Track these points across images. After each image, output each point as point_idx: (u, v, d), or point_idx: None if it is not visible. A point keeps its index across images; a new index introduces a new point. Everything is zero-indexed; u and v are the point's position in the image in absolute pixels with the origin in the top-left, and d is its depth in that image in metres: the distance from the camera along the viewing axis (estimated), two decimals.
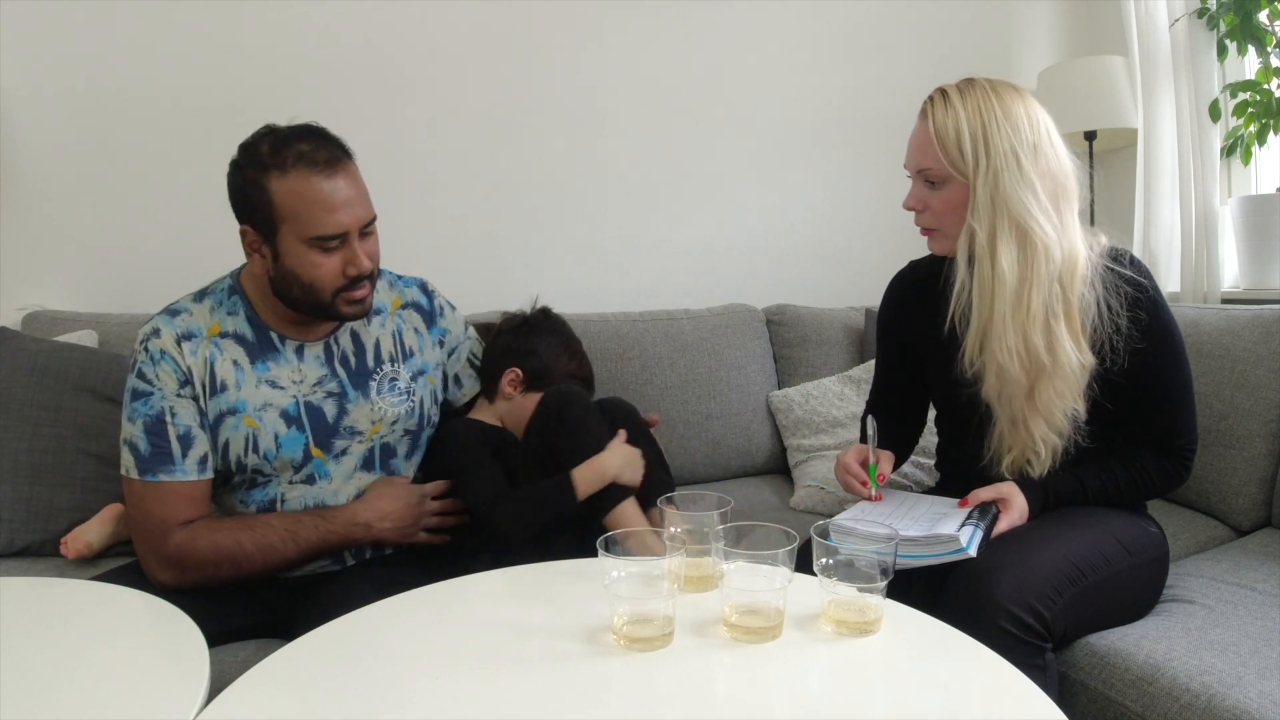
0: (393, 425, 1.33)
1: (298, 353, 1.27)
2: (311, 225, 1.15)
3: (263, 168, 1.14)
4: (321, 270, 1.18)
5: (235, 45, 1.95)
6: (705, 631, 0.87)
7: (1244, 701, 0.97)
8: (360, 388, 1.30)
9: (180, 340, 1.21)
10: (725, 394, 2.04)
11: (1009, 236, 1.16)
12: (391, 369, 1.34)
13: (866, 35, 2.50)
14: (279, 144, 1.15)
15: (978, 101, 1.17)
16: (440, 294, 1.48)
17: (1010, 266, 1.16)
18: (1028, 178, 1.15)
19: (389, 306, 1.39)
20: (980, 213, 1.17)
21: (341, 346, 1.30)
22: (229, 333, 1.24)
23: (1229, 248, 2.23)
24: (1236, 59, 2.23)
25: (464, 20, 2.13)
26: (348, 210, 1.17)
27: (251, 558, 1.18)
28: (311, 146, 1.16)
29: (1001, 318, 1.17)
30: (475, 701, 0.75)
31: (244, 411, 1.23)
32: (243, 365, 1.24)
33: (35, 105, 1.81)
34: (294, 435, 1.25)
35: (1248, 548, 1.49)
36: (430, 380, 1.39)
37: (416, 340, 1.39)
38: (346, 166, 1.19)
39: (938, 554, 1.09)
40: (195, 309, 1.25)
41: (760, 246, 2.44)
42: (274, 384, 1.25)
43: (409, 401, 1.34)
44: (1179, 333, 1.22)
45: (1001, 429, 1.23)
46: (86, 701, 0.76)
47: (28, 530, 1.52)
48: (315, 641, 0.88)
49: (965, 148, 1.16)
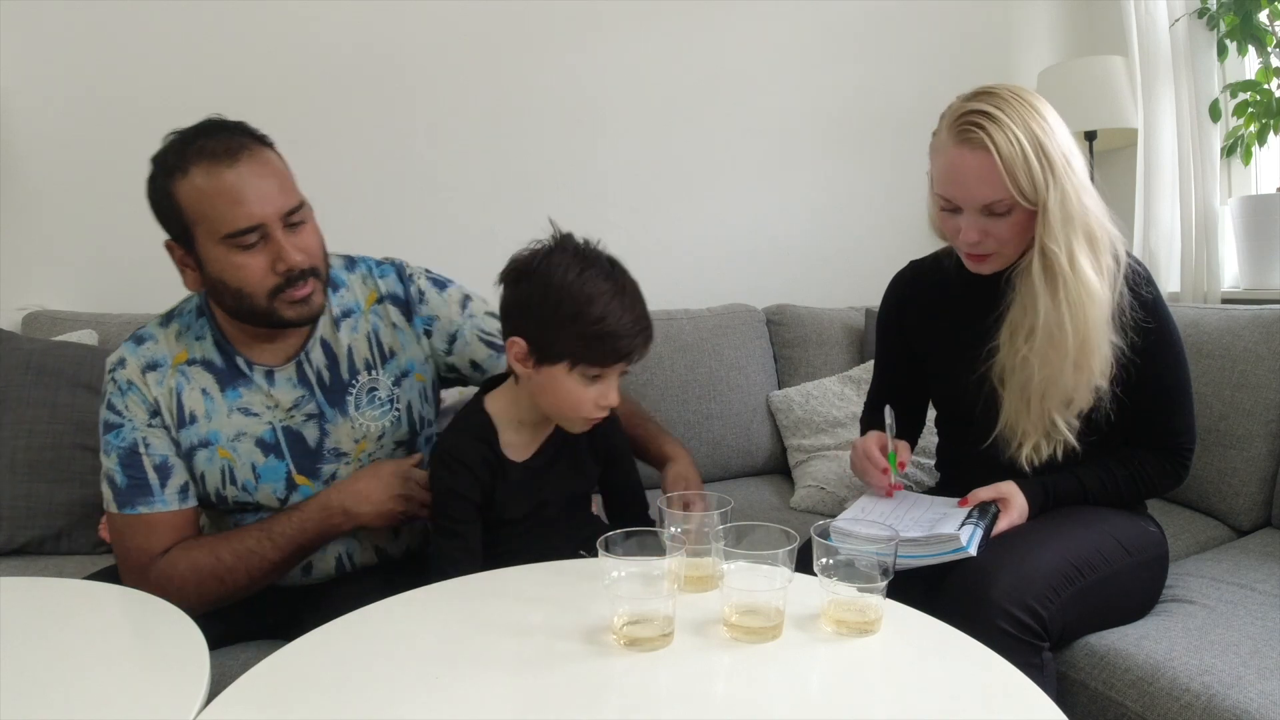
0: (379, 440, 1.24)
1: (268, 378, 1.18)
2: (221, 222, 1.05)
3: (168, 173, 1.06)
4: (247, 272, 1.07)
5: (235, 47, 1.95)
6: (705, 631, 0.87)
7: (1244, 701, 0.97)
8: (337, 405, 1.21)
9: (145, 370, 1.15)
10: (725, 394, 2.04)
11: (1083, 246, 1.12)
12: (369, 377, 1.23)
13: (866, 35, 2.49)
14: (180, 146, 1.07)
15: (1023, 116, 1.10)
16: (421, 275, 1.31)
17: (1096, 277, 1.12)
18: (1082, 180, 1.12)
19: (362, 304, 1.26)
20: (1055, 232, 1.11)
21: (314, 363, 1.20)
22: (196, 359, 1.17)
23: (1229, 248, 2.22)
24: (1237, 59, 2.23)
25: (464, 22, 2.13)
26: (259, 200, 1.06)
27: (233, 569, 1.13)
28: (211, 140, 1.07)
29: (1098, 330, 1.13)
30: (475, 701, 0.75)
31: (217, 443, 1.16)
32: (212, 394, 1.17)
33: (35, 105, 1.81)
34: (273, 464, 1.18)
35: (1248, 548, 1.49)
36: (418, 379, 1.28)
37: (396, 338, 1.26)
38: (253, 153, 1.08)
39: (938, 553, 1.09)
40: (161, 335, 1.18)
41: (760, 246, 2.44)
42: (247, 411, 1.18)
43: (393, 411, 1.24)
44: (1178, 332, 1.22)
45: (1014, 422, 1.21)
46: (86, 701, 0.75)
47: (28, 527, 1.52)
48: (315, 641, 0.88)
49: (1035, 172, 1.09)
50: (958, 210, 1.17)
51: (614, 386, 1.07)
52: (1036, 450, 1.20)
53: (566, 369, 1.04)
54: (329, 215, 2.06)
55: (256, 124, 1.13)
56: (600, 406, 1.07)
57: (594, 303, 1.01)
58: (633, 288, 1.06)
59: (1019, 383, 1.19)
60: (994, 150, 1.09)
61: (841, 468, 1.87)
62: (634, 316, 1.04)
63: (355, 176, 2.08)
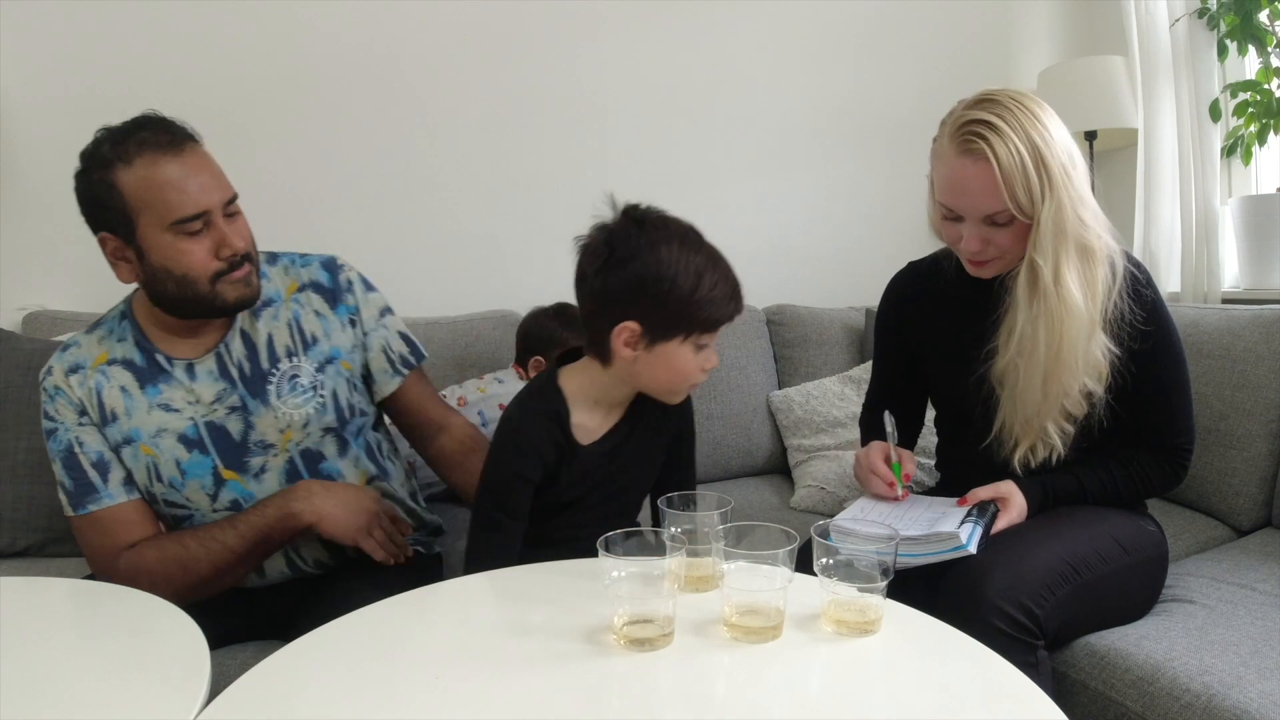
0: (305, 429, 1.23)
1: (188, 372, 1.20)
2: (169, 209, 1.09)
3: (107, 165, 1.09)
4: (192, 257, 1.11)
5: (236, 46, 1.95)
6: (705, 631, 0.87)
7: (1244, 701, 0.97)
8: (259, 395, 1.21)
9: (68, 373, 1.18)
10: (725, 394, 2.04)
11: (1072, 260, 1.11)
12: (291, 364, 1.23)
13: (866, 35, 2.50)
14: (119, 138, 1.10)
15: (1024, 126, 1.09)
16: (353, 270, 1.32)
17: (1080, 294, 1.12)
18: (1080, 191, 1.11)
19: (283, 294, 1.26)
20: (1044, 246, 1.10)
21: (234, 353, 1.21)
22: (116, 359, 1.19)
23: (1229, 248, 2.22)
24: (1237, 59, 2.23)
25: (464, 22, 2.13)
26: (203, 190, 1.11)
27: (198, 558, 1.14)
28: (153, 132, 1.10)
29: (1071, 347, 1.13)
30: (475, 701, 0.75)
31: (139, 440, 1.18)
32: (131, 391, 1.18)
33: (35, 105, 1.81)
34: (197, 459, 1.19)
35: (1248, 548, 1.49)
36: (345, 366, 1.27)
37: (319, 324, 1.26)
38: (192, 146, 1.13)
39: (938, 552, 1.09)
40: (85, 341, 1.21)
41: (760, 246, 2.44)
42: (168, 407, 1.19)
43: (317, 398, 1.23)
44: (1177, 332, 1.22)
45: (1010, 424, 1.22)
46: (86, 701, 0.76)
47: (31, 529, 1.52)
48: (315, 641, 0.88)
49: (1033, 186, 1.08)
50: (959, 219, 1.17)
51: (714, 349, 1.10)
52: (1031, 452, 1.20)
53: (680, 342, 1.05)
54: (329, 214, 2.07)
55: (256, 123, 1.14)
56: (704, 371, 1.10)
57: (703, 277, 1.04)
58: (719, 252, 1.10)
59: (1012, 385, 1.19)
60: (995, 162, 1.08)
61: (842, 468, 1.87)
62: (733, 281, 1.08)
63: (355, 176, 2.08)
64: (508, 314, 2.02)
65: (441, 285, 2.16)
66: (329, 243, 2.05)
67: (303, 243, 1.95)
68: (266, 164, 1.99)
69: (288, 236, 1.98)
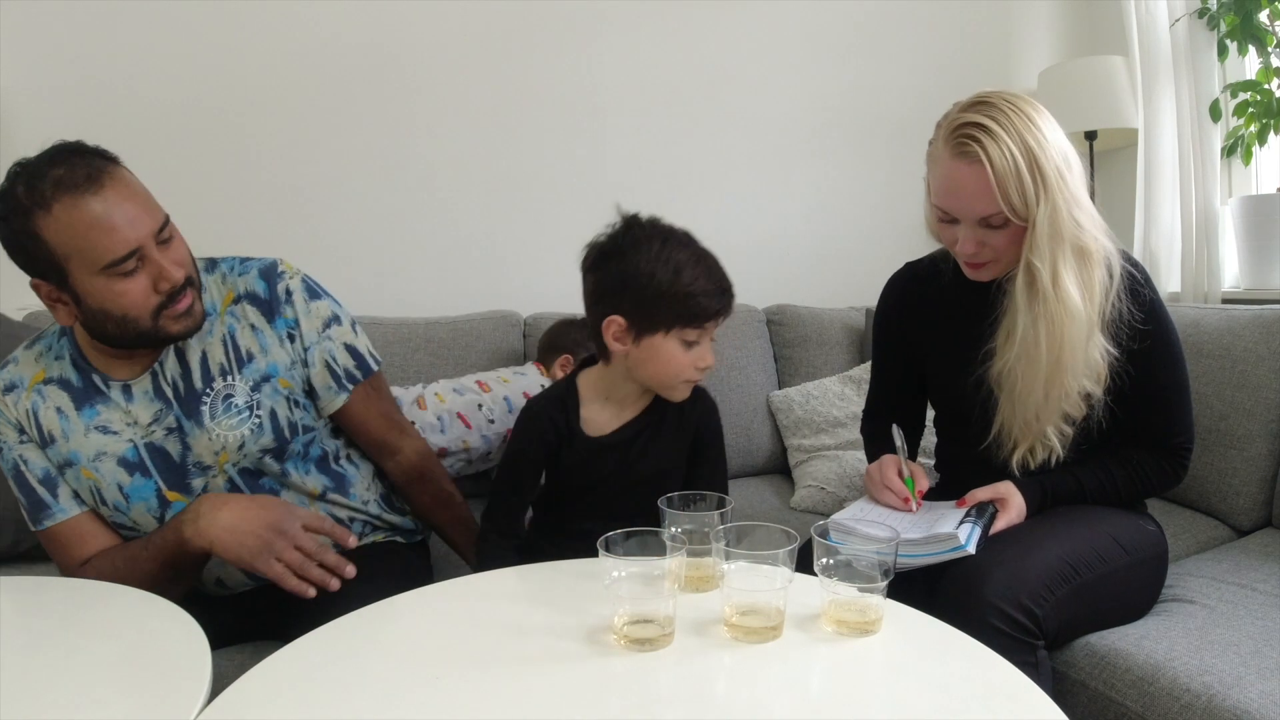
0: (240, 450, 1.17)
1: (125, 393, 1.15)
2: (98, 253, 1.01)
3: (25, 212, 1.00)
4: (129, 297, 1.05)
5: (235, 44, 1.95)
6: (706, 631, 0.87)
7: (1244, 701, 0.97)
8: (193, 416, 1.15)
9: (4, 392, 1.15)
10: (725, 394, 2.04)
11: (1069, 262, 1.11)
12: (225, 384, 1.16)
13: (866, 35, 2.50)
14: (31, 180, 1.01)
15: (1018, 129, 1.08)
16: (296, 276, 1.24)
17: (1079, 295, 1.12)
18: (1075, 194, 1.11)
19: (219, 306, 1.20)
20: (1041, 248, 1.10)
21: (168, 372, 1.16)
22: (53, 378, 1.15)
23: (1229, 248, 2.22)
24: (1237, 59, 2.23)
25: (464, 21, 2.13)
26: (132, 225, 1.03)
27: (125, 578, 1.08)
28: (67, 169, 1.01)
29: (1072, 349, 1.13)
30: (475, 701, 0.75)
31: (79, 464, 1.14)
32: (67, 413, 1.14)
33: (35, 104, 1.81)
34: (140, 483, 1.15)
35: (1248, 548, 1.49)
36: (283, 384, 1.20)
37: (255, 340, 1.19)
38: (112, 175, 1.04)
39: (937, 552, 1.09)
40: (23, 357, 1.17)
41: (760, 246, 2.44)
42: (105, 429, 1.14)
43: (253, 418, 1.17)
44: (1176, 332, 1.22)
45: (1008, 426, 1.22)
46: (87, 701, 0.75)
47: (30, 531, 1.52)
48: (315, 641, 0.88)
49: (1027, 189, 1.08)
50: (955, 221, 1.17)
51: (708, 349, 1.15)
52: (1031, 454, 1.21)
53: (664, 336, 1.11)
54: (329, 214, 2.07)
55: (256, 123, 1.13)
56: (699, 369, 1.15)
57: (682, 271, 1.09)
58: (709, 252, 1.15)
59: (1011, 388, 1.19)
60: (988, 165, 1.08)
61: (842, 468, 1.87)
62: (717, 278, 1.13)
63: (356, 175, 2.08)
64: (508, 314, 2.02)
65: (441, 285, 2.16)
66: (330, 242, 2.06)
67: (303, 242, 1.95)
68: (266, 163, 1.99)
69: (288, 236, 1.99)
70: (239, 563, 1.08)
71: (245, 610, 1.23)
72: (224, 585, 1.23)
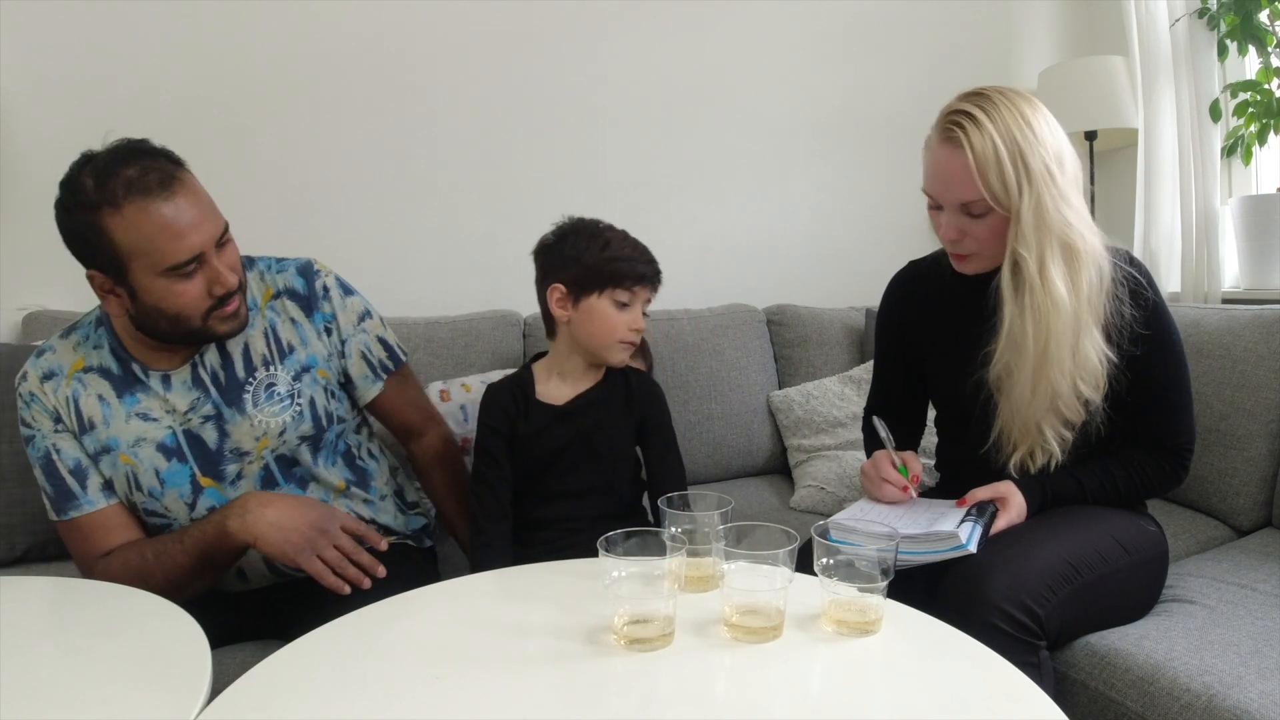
0: (281, 436, 1.21)
1: (164, 382, 1.18)
2: (163, 257, 1.05)
3: (93, 207, 1.03)
4: (185, 298, 1.09)
5: (236, 43, 1.95)
6: (706, 631, 0.87)
7: (1244, 701, 0.97)
8: (234, 404, 1.19)
9: (43, 379, 1.17)
10: (726, 394, 2.04)
11: (1057, 257, 1.12)
12: (267, 373, 1.21)
13: (867, 35, 2.49)
14: (102, 175, 1.03)
15: (1005, 121, 1.10)
16: (330, 275, 1.30)
17: (1065, 289, 1.12)
18: (1064, 191, 1.12)
19: (259, 302, 1.25)
20: (1027, 239, 1.11)
21: (208, 363, 1.20)
22: (93, 367, 1.18)
23: (1229, 248, 2.22)
24: (1237, 59, 2.23)
25: (466, 22, 2.13)
26: (197, 231, 1.07)
27: (153, 570, 1.12)
28: (139, 170, 1.04)
29: (1059, 342, 1.14)
30: (475, 701, 0.75)
31: (118, 449, 1.17)
32: (109, 400, 1.17)
33: (36, 104, 1.81)
34: (176, 468, 1.18)
35: (1248, 548, 1.49)
36: (321, 374, 1.26)
37: (295, 333, 1.25)
38: (182, 181, 1.08)
39: (937, 551, 1.09)
40: (60, 346, 1.20)
41: (760, 246, 2.44)
42: (145, 416, 1.18)
43: (294, 406, 1.22)
44: (1177, 332, 1.22)
45: (1008, 428, 1.22)
46: (86, 701, 0.76)
47: (28, 533, 1.52)
48: (315, 641, 0.88)
49: (1008, 177, 1.10)
50: (940, 207, 1.19)
51: (639, 313, 1.28)
52: (1030, 458, 1.21)
53: (598, 297, 1.25)
54: (330, 213, 2.07)
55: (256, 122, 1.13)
56: (633, 330, 1.28)
57: (610, 241, 1.27)
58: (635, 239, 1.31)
59: (1007, 387, 1.20)
60: (969, 150, 1.11)
61: (842, 468, 1.87)
62: (641, 250, 1.29)
63: (356, 175, 2.08)
64: (508, 314, 2.02)
65: (441, 285, 2.16)
66: (330, 241, 2.05)
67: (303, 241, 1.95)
68: (267, 163, 1.99)
69: (288, 235, 1.98)
70: (283, 557, 1.11)
71: (245, 610, 1.24)
72: (244, 578, 1.24)
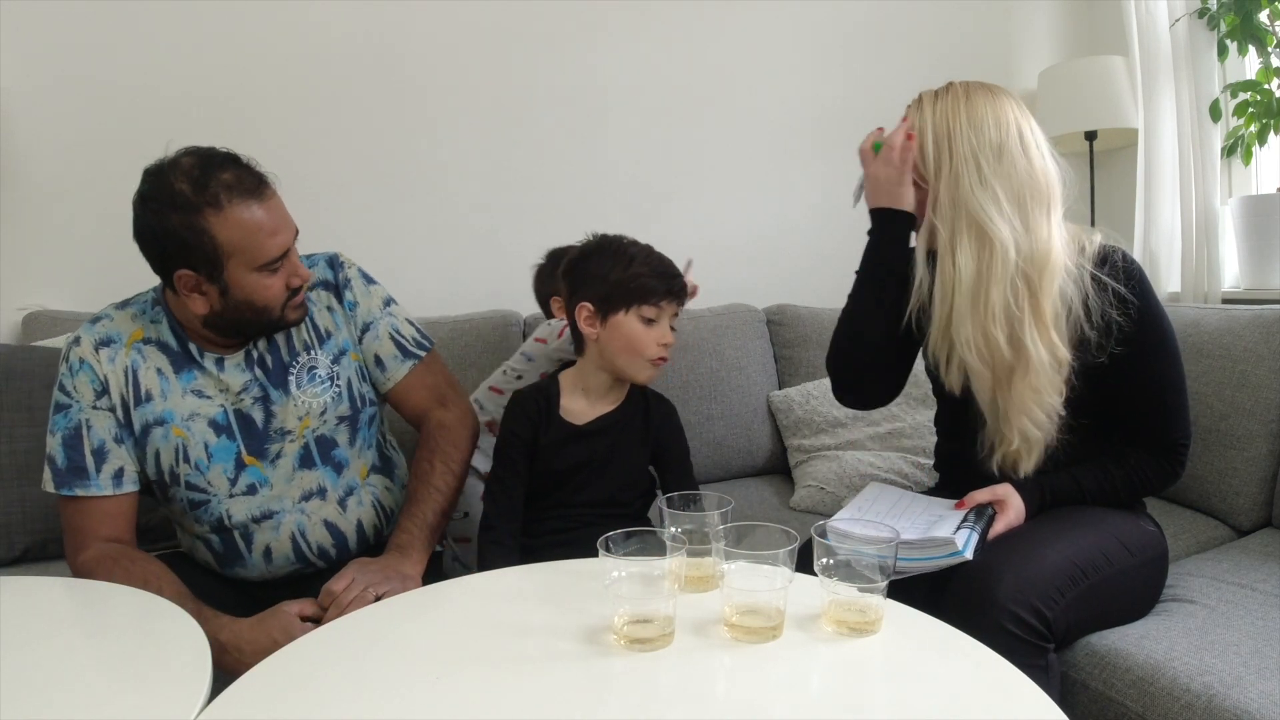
0: (322, 416, 1.29)
1: (218, 364, 1.25)
2: (260, 253, 1.15)
3: (193, 209, 1.11)
4: (272, 291, 1.19)
5: (237, 43, 1.95)
6: (706, 631, 0.87)
7: (1245, 701, 0.97)
8: (280, 385, 1.27)
9: (98, 346, 1.21)
10: (726, 394, 2.04)
11: (968, 236, 1.18)
12: (309, 357, 1.30)
13: (867, 35, 2.50)
14: (199, 180, 1.12)
15: (946, 106, 1.21)
16: (353, 267, 1.39)
17: (967, 264, 1.18)
18: (987, 181, 1.17)
19: None
20: (942, 212, 1.20)
21: (258, 348, 1.28)
22: (152, 339, 1.23)
23: (1229, 248, 2.23)
24: (1237, 59, 2.23)
25: (467, 21, 2.13)
26: (285, 230, 1.19)
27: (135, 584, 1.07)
28: (235, 175, 1.14)
29: (960, 313, 1.19)
30: (475, 701, 0.75)
31: (172, 422, 1.22)
32: (167, 374, 1.23)
33: (35, 105, 1.81)
34: (224, 444, 1.24)
35: (1248, 548, 1.49)
36: (354, 358, 1.35)
37: (330, 319, 1.34)
38: (270, 187, 1.19)
39: (934, 557, 1.09)
40: (117, 316, 1.24)
41: (760, 246, 2.44)
42: (200, 394, 1.24)
43: (333, 388, 1.31)
44: (1171, 329, 1.22)
45: (990, 425, 1.23)
46: (87, 701, 0.76)
47: (27, 532, 1.52)
48: (315, 641, 0.88)
49: (929, 153, 1.21)
50: None
51: (667, 328, 1.31)
52: (1022, 455, 1.21)
53: (624, 313, 1.28)
54: (330, 212, 2.07)
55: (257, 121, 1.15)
56: (661, 345, 1.30)
57: (634, 257, 1.30)
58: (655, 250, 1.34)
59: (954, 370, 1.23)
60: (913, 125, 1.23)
61: (842, 468, 1.87)
62: (665, 265, 1.33)
63: (357, 174, 2.08)
64: (508, 314, 2.02)
65: (442, 284, 2.16)
66: (330, 240, 2.05)
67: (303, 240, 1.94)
68: (268, 161, 1.96)
69: None
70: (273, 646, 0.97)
71: (248, 608, 1.24)
72: (270, 560, 1.26)
